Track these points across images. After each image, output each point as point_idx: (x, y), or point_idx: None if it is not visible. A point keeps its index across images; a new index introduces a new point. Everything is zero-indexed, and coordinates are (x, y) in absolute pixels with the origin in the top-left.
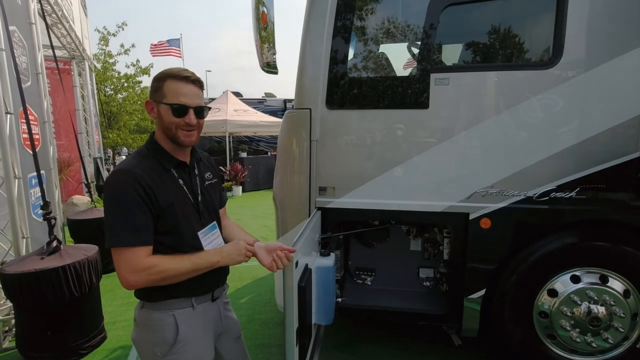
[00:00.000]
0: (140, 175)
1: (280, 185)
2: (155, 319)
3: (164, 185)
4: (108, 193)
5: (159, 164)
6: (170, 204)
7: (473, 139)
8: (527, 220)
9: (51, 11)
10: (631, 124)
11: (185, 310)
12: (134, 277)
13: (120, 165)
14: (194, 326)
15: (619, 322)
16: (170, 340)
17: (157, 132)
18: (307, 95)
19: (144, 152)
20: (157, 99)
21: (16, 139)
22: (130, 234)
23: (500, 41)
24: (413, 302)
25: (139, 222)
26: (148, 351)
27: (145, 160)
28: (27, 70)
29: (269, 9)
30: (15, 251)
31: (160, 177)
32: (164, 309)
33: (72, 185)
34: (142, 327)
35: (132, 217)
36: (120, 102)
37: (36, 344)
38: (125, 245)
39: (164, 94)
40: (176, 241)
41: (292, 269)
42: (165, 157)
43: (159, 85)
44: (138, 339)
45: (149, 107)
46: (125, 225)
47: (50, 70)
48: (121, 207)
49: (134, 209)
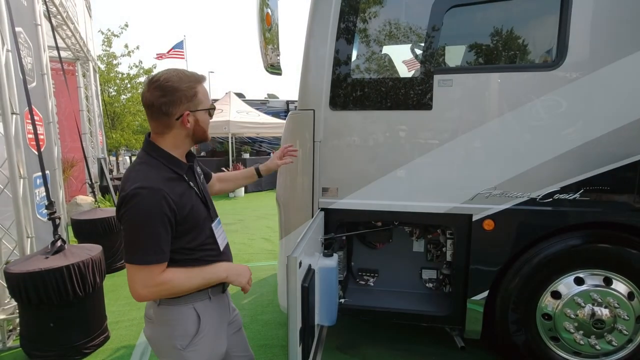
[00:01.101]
0: (165, 191)
1: (284, 186)
2: (176, 313)
3: (182, 192)
4: (134, 210)
5: (173, 172)
6: (190, 208)
7: (476, 140)
8: (530, 222)
9: (56, 12)
10: (636, 125)
11: (204, 302)
12: (144, 291)
13: (140, 181)
14: (211, 317)
15: (623, 324)
16: (191, 332)
17: (170, 143)
18: (311, 97)
19: (153, 162)
20: (194, 108)
21: (22, 139)
22: (154, 253)
23: (504, 42)
24: (416, 304)
25: (163, 241)
26: (167, 346)
27: (159, 172)
28: (33, 71)
29: (274, 11)
30: (20, 250)
31: (178, 185)
32: (183, 303)
33: (76, 186)
34: (160, 323)
35: (157, 236)
36: (123, 103)
37: (40, 343)
38: (148, 264)
39: (200, 101)
40: (198, 238)
41: (296, 269)
42: (178, 164)
43: (193, 93)
44: (155, 336)
45: (185, 119)
46: (151, 244)
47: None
48: (149, 226)
49: (160, 229)
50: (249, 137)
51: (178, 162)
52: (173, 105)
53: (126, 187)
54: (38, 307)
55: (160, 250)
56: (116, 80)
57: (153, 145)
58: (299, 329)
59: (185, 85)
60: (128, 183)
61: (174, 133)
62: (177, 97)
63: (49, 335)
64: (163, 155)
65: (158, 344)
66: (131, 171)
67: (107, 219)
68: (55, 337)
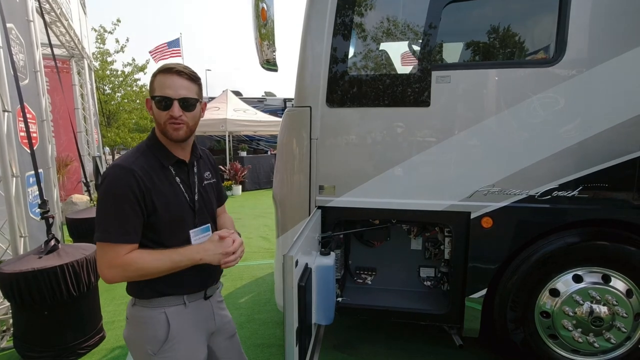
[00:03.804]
0: (138, 173)
1: (280, 184)
2: (147, 316)
3: (160, 182)
4: (103, 187)
5: (157, 161)
6: (165, 201)
7: (474, 138)
8: (529, 220)
9: (50, 9)
10: (634, 122)
11: (177, 307)
12: (110, 272)
13: (119, 161)
14: (185, 324)
15: (622, 322)
16: (161, 337)
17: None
18: (307, 93)
19: (143, 148)
20: (151, 94)
21: (14, 137)
22: (117, 231)
23: (502, 38)
24: (414, 302)
25: (130, 222)
26: (139, 349)
27: (143, 157)
28: (25, 68)
29: (269, 6)
30: (13, 250)
31: (157, 174)
32: (155, 306)
33: (72, 184)
34: (133, 324)
35: (123, 215)
36: (118, 101)
37: (34, 343)
38: (109, 242)
39: (154, 89)
40: (164, 237)
41: (292, 268)
42: (164, 153)
43: (151, 80)
44: (129, 337)
45: (148, 105)
46: (115, 222)
47: (50, 68)
48: (114, 203)
49: (126, 208)
50: (246, 136)
51: (165, 151)
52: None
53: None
54: (31, 307)
55: (125, 231)
56: (111, 77)
57: (152, 131)
58: (296, 329)
59: (153, 73)
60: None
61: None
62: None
63: (43, 336)
64: (153, 143)
65: (131, 346)
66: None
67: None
68: (50, 338)
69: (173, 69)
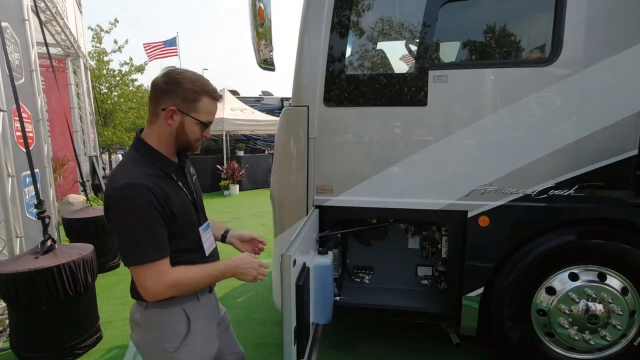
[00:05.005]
0: (151, 186)
1: (278, 184)
2: (165, 316)
3: (170, 191)
4: (122, 209)
5: (160, 170)
6: (179, 208)
7: (471, 137)
8: (525, 218)
9: (45, 8)
10: (630, 121)
11: (192, 302)
12: (160, 288)
13: (125, 179)
14: (201, 317)
15: (617, 319)
16: (181, 333)
17: (155, 137)
18: (305, 93)
19: (140, 159)
20: (186, 111)
21: (9, 136)
22: (153, 249)
23: (499, 38)
24: (411, 301)
25: (160, 236)
26: (156, 350)
27: (146, 168)
28: (20, 68)
29: (266, 5)
30: (9, 250)
31: (164, 182)
32: (172, 305)
33: (68, 184)
34: (147, 327)
35: (152, 231)
36: (115, 100)
37: (31, 344)
38: (150, 262)
39: (198, 110)
40: (185, 242)
41: (290, 267)
42: (165, 162)
43: (193, 98)
44: (144, 341)
45: (170, 115)
46: (148, 240)
47: (45, 67)
48: (141, 222)
49: (153, 223)
50: (243, 135)
51: (165, 159)
52: (166, 94)
53: (112, 187)
54: (28, 307)
55: (159, 246)
56: (107, 77)
57: (141, 142)
58: (294, 328)
59: (189, 86)
60: (114, 182)
61: (159, 126)
62: (174, 90)
63: (40, 336)
64: (150, 152)
65: (147, 348)
66: (116, 171)
67: (99, 218)
68: (46, 338)
69: (220, 97)
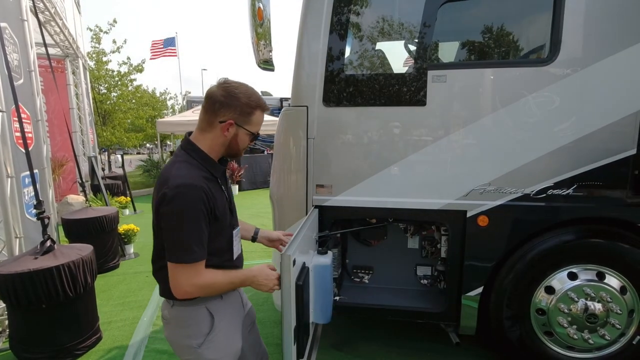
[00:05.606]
0: (205, 189)
1: (277, 184)
2: (189, 314)
3: (216, 193)
4: (178, 207)
5: (210, 174)
6: (222, 210)
7: (470, 136)
8: (524, 218)
9: (44, 8)
10: (628, 121)
11: (216, 301)
12: (192, 289)
13: (182, 179)
14: (225, 315)
15: (616, 318)
16: (205, 330)
17: (208, 144)
18: (304, 93)
19: (191, 161)
20: (242, 124)
21: (8, 137)
22: (198, 250)
23: (497, 38)
24: (411, 300)
25: (204, 238)
26: (183, 345)
27: (197, 171)
28: (19, 68)
29: (265, 6)
30: (9, 251)
31: (212, 186)
32: (196, 304)
33: (67, 185)
34: (175, 324)
35: (200, 233)
36: (114, 101)
37: (30, 344)
38: (196, 261)
39: (251, 122)
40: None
41: (290, 267)
42: (215, 167)
43: (249, 112)
44: (172, 336)
45: (226, 127)
46: (197, 242)
47: (44, 68)
48: (193, 223)
49: (202, 225)
50: None
51: (215, 164)
52: (225, 107)
53: (169, 185)
54: (27, 308)
55: (202, 247)
56: (106, 77)
57: (193, 145)
58: (294, 327)
59: (246, 101)
60: (170, 181)
61: (213, 135)
62: (233, 104)
63: (39, 337)
64: (202, 156)
65: (175, 343)
66: (171, 169)
67: (98, 219)
68: (46, 339)
69: (268, 110)
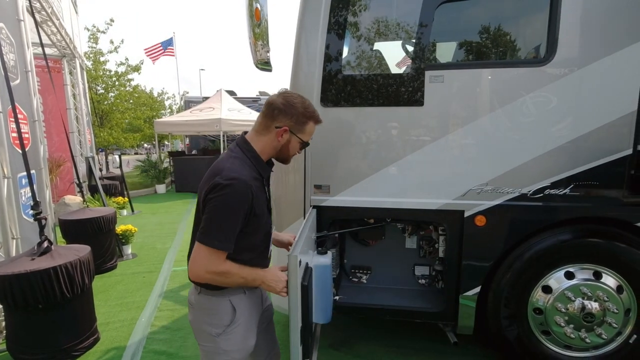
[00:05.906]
0: (253, 187)
1: (275, 184)
2: (213, 304)
3: (259, 192)
4: (225, 197)
5: (258, 173)
6: (262, 210)
7: (468, 136)
8: (521, 217)
9: (40, 8)
10: (625, 121)
11: (239, 295)
12: (207, 275)
13: (235, 173)
14: (246, 309)
15: (613, 317)
16: (226, 322)
17: (261, 145)
18: (302, 93)
19: (244, 159)
20: (296, 132)
21: (5, 138)
22: (226, 240)
23: (495, 38)
24: (409, 300)
25: (236, 232)
26: (203, 332)
27: (248, 169)
28: (16, 68)
29: (263, 6)
30: (5, 252)
31: (257, 184)
32: (220, 295)
33: (64, 185)
34: (199, 310)
35: (235, 226)
36: (112, 101)
37: (27, 346)
38: (218, 249)
39: (304, 131)
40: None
41: (297, 268)
42: (264, 168)
43: (304, 121)
44: (195, 321)
45: (281, 132)
46: (230, 232)
47: (41, 68)
48: (233, 215)
49: (240, 220)
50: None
51: (264, 165)
52: (283, 114)
53: (222, 175)
54: (24, 309)
55: (231, 240)
56: (104, 77)
57: (248, 145)
58: (300, 328)
59: (303, 111)
60: (224, 172)
61: (268, 139)
62: (290, 112)
63: (36, 338)
64: (255, 156)
65: (196, 327)
66: (225, 162)
67: (96, 219)
68: (43, 340)
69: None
